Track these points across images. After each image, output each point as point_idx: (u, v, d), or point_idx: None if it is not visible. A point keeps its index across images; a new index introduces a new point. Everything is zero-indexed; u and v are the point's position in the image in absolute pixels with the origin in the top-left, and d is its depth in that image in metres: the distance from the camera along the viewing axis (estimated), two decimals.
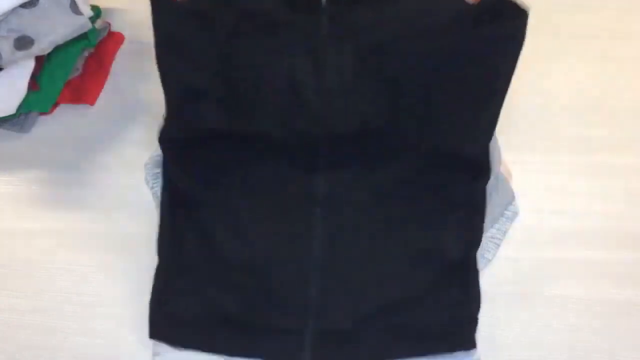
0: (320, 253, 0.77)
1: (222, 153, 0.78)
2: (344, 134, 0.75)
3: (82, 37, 1.03)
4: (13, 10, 0.95)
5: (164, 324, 0.85)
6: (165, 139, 0.82)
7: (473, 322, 0.81)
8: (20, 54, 0.95)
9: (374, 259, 0.78)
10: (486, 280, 0.93)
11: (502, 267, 0.94)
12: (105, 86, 1.11)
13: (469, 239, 0.82)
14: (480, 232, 0.84)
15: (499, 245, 0.95)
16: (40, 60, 1.01)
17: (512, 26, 0.75)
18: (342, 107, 0.74)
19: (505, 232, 0.95)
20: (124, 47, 1.15)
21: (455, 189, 0.80)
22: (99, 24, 1.09)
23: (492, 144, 0.88)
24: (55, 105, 1.08)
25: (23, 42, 0.96)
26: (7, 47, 0.95)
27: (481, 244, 0.93)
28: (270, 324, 0.78)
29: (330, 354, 0.78)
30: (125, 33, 1.15)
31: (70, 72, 1.05)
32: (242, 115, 0.76)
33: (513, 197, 0.97)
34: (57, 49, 1.00)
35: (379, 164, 0.77)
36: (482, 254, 0.93)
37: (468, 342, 0.80)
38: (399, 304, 0.78)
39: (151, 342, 0.92)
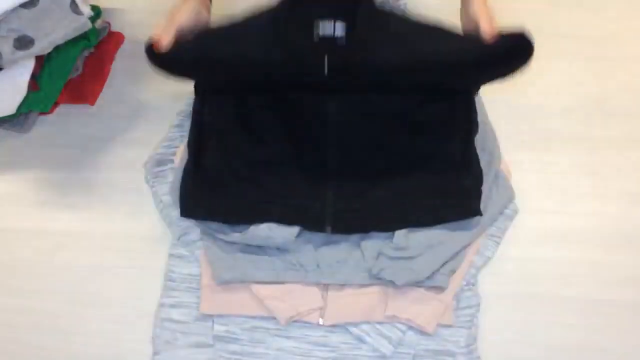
0: (335, 149, 0.93)
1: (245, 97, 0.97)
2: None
3: (82, 37, 1.03)
4: (13, 10, 0.95)
5: (196, 203, 0.94)
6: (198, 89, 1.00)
7: (476, 195, 0.92)
8: (20, 53, 0.95)
9: (381, 161, 0.93)
10: (487, 280, 0.94)
11: (503, 267, 0.94)
12: (105, 86, 1.11)
13: (467, 135, 0.95)
14: (475, 126, 0.96)
15: (498, 243, 0.95)
16: (40, 60, 1.01)
17: (517, 65, 0.88)
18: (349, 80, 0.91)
19: (504, 231, 0.95)
20: (124, 47, 1.15)
21: (447, 102, 0.95)
22: (99, 24, 1.09)
23: (488, 135, 0.99)
24: (55, 105, 1.08)
25: (23, 42, 0.96)
26: (7, 47, 0.95)
27: (481, 241, 0.93)
28: (294, 205, 0.92)
29: (347, 225, 0.92)
30: (125, 33, 1.15)
31: (70, 72, 1.05)
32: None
33: (513, 196, 0.97)
34: (57, 49, 1.00)
35: (381, 101, 0.94)
36: (482, 251, 0.93)
37: (472, 212, 0.91)
38: (405, 187, 0.92)
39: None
